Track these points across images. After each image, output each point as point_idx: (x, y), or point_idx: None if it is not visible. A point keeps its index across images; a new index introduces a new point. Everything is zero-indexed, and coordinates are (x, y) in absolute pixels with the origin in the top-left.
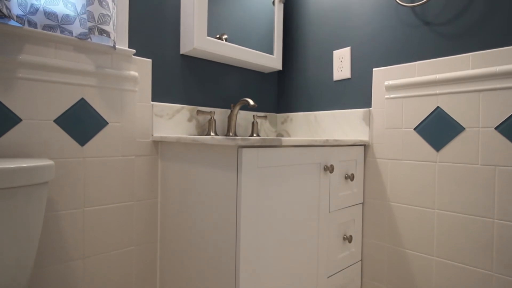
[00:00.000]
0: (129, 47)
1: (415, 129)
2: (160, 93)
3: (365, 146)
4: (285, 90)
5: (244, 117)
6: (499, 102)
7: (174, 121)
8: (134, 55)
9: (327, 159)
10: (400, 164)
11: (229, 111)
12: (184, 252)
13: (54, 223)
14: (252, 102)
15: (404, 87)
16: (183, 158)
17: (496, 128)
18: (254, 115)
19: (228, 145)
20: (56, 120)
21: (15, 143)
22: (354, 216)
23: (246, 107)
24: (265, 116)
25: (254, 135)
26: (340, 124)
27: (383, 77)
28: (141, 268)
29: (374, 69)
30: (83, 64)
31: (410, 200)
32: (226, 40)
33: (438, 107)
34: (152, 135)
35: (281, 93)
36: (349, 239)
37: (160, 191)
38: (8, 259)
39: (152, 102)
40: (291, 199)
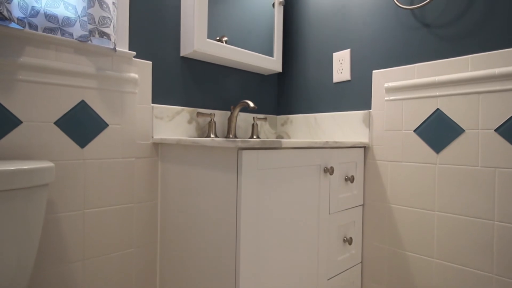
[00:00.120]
0: (129, 49)
1: (415, 131)
2: (160, 95)
3: (365, 148)
4: (285, 92)
5: (244, 119)
6: (498, 104)
7: (174, 123)
8: (135, 57)
9: (327, 161)
10: (400, 166)
11: (229, 113)
12: (184, 254)
13: (54, 225)
14: (252, 104)
15: (404, 89)
16: (183, 160)
17: (496, 130)
18: (254, 117)
19: (228, 147)
20: (56, 122)
21: (15, 145)
22: (354, 218)
23: (246, 109)
24: (265, 118)
25: (254, 137)
26: (340, 126)
27: (382, 79)
28: (141, 270)
29: (374, 71)
30: (84, 66)
31: (410, 202)
32: (226, 42)
33: (438, 109)
34: (152, 137)
35: (281, 95)
36: (349, 241)
37: (160, 193)
38: (8, 261)
39: (152, 104)
40: (291, 201)
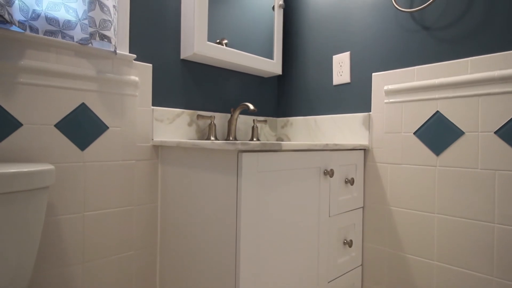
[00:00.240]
0: (129, 52)
1: (414, 133)
2: (160, 97)
3: (365, 151)
4: (285, 94)
5: (244, 121)
6: (498, 107)
7: (174, 125)
8: (135, 60)
9: (327, 163)
10: (400, 168)
11: (229, 115)
12: (184, 257)
13: (54, 227)
14: (252, 107)
15: (403, 91)
16: (183, 163)
17: (495, 132)
18: (254, 120)
19: (228, 149)
20: (56, 125)
21: (15, 148)
22: (354, 220)
23: (246, 112)
24: (265, 121)
25: (254, 139)
26: (340, 128)
27: (382, 81)
28: (141, 273)
29: (374, 73)
30: (84, 69)
31: (410, 205)
32: (226, 45)
33: (438, 111)
34: (152, 139)
35: (281, 97)
36: (349, 243)
37: (160, 195)
38: (8, 264)
39: (152, 107)
40: (291, 204)
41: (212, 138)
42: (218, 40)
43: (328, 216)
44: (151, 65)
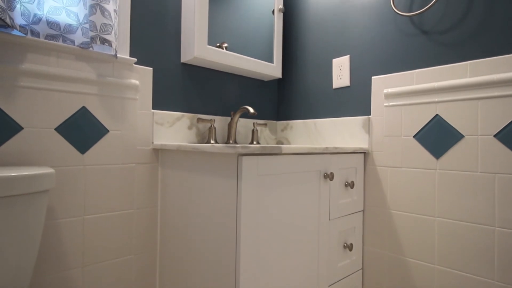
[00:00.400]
0: (130, 56)
1: (414, 136)
2: (160, 101)
3: (364, 154)
4: (285, 97)
5: (244, 124)
6: (497, 110)
7: (175, 129)
8: (135, 63)
9: (327, 166)
10: (400, 171)
11: (229, 118)
12: (184, 260)
13: (54, 231)
14: (252, 110)
15: (403, 95)
16: (184, 166)
17: (495, 135)
18: (254, 123)
19: (228, 153)
20: (57, 128)
21: (16, 151)
22: (354, 224)
23: (246, 115)
24: (265, 124)
25: (254, 142)
26: (339, 131)
27: (382, 85)
28: (140, 277)
29: (373, 77)
30: (85, 72)
31: (410, 208)
32: (226, 48)
33: (437, 114)
34: (153, 143)
35: (281, 100)
36: (349, 247)
37: (160, 198)
38: (8, 267)
39: (152, 110)
40: (291, 207)
41: (212, 142)
42: (218, 44)
43: (328, 219)
44: (151, 68)
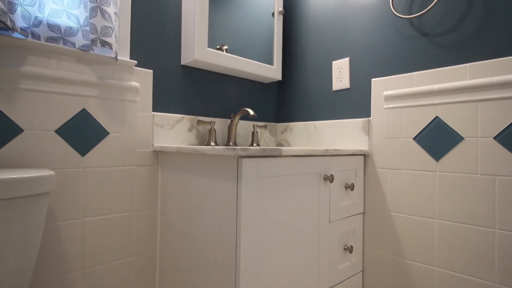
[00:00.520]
0: (130, 58)
1: (414, 138)
2: (161, 103)
3: (364, 156)
4: (285, 100)
5: (244, 126)
6: (497, 112)
7: (175, 131)
8: (136, 66)
9: (327, 168)
10: (400, 173)
11: (229, 121)
12: (183, 262)
13: (54, 233)
14: (252, 112)
15: (402, 97)
16: (184, 168)
17: (494, 137)
18: (254, 125)
19: (228, 155)
20: (57, 131)
21: (16, 153)
22: (354, 226)
23: (246, 117)
24: (265, 126)
25: (254, 144)
26: (339, 133)
27: (381, 87)
28: (140, 279)
29: (373, 79)
30: (85, 75)
31: (410, 210)
32: (227, 50)
33: (437, 116)
34: (153, 145)
35: (281, 102)
36: (349, 249)
37: (160, 201)
38: (8, 269)
39: (152, 112)
40: (291, 209)
41: (212, 144)
42: (218, 46)
43: (328, 221)
44: (151, 71)
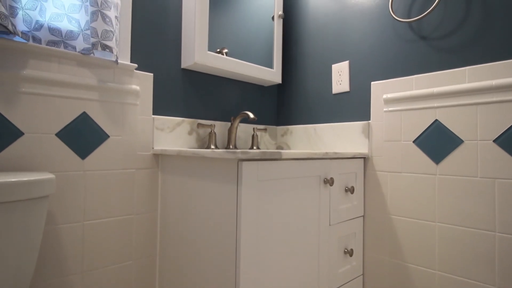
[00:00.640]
0: (131, 62)
1: (414, 141)
2: (161, 106)
3: (364, 159)
4: (284, 103)
5: (244, 130)
6: (496, 115)
7: (175, 134)
8: (136, 69)
9: (327, 171)
10: (400, 176)
11: (229, 124)
12: (183, 266)
13: (54, 236)
14: (252, 115)
15: (402, 100)
16: (184, 171)
17: (494, 141)
18: (254, 128)
19: (228, 158)
20: (57, 134)
21: (17, 157)
22: (354, 229)
23: (246, 120)
24: (265, 129)
25: (254, 147)
26: (339, 136)
27: (381, 90)
28: (140, 282)
29: (373, 82)
30: (86, 78)
31: (410, 213)
32: (227, 54)
33: (437, 120)
34: (153, 148)
35: (280, 106)
36: (350, 252)
37: (160, 204)
38: (8, 272)
39: (153, 116)
40: (291, 212)
41: (212, 147)
42: (218, 50)
43: (329, 224)
44: (152, 74)
